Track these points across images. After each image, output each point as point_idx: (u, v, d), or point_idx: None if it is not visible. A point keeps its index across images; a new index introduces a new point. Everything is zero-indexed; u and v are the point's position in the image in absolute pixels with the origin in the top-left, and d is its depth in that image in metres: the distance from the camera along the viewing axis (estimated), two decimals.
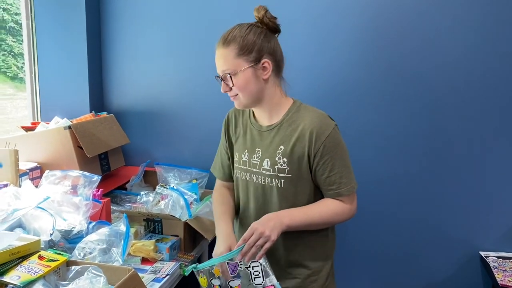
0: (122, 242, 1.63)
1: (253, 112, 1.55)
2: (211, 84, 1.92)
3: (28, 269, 1.34)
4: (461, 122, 2.10)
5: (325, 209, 1.42)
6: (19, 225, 1.56)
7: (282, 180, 1.42)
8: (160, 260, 1.80)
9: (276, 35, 1.45)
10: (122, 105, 2.49)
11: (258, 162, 1.47)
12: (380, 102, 2.17)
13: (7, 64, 5.18)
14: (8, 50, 5.25)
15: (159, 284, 1.61)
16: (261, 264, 1.30)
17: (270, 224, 1.30)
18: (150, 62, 2.42)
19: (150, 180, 2.41)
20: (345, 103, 2.21)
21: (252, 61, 1.37)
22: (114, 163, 2.25)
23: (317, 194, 1.47)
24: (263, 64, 1.39)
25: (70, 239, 1.64)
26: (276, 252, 1.49)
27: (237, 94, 1.42)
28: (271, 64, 1.40)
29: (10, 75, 5.25)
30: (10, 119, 4.72)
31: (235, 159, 1.58)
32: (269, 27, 1.41)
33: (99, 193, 1.84)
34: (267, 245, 1.28)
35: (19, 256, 1.38)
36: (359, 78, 2.18)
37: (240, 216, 1.61)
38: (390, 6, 2.09)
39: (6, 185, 1.67)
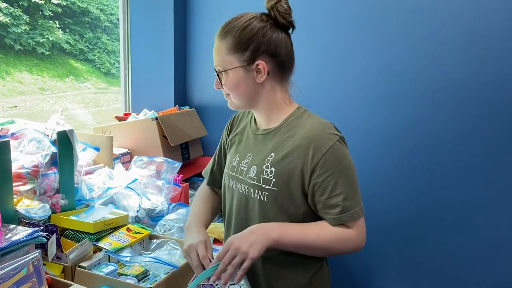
0: None
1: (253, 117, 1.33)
2: None
3: (118, 238, 1.57)
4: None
5: (325, 231, 1.12)
6: (111, 201, 1.81)
7: (266, 193, 1.16)
8: None
9: (290, 31, 1.20)
10: (202, 100, 2.70)
11: (245, 169, 1.23)
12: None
13: (101, 60, 5.65)
14: (102, 47, 5.72)
15: None
16: (241, 287, 1.09)
17: (250, 239, 1.05)
18: None
19: None
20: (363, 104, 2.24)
21: (244, 60, 1.15)
22: (193, 153, 2.47)
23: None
24: (257, 65, 1.15)
25: (153, 217, 1.87)
26: (256, 277, 1.24)
27: (228, 94, 1.22)
28: (268, 66, 1.15)
29: (103, 71, 5.72)
30: (103, 111, 5.18)
31: (226, 164, 1.35)
32: (276, 22, 1.15)
33: (179, 178, 2.06)
34: (245, 265, 1.02)
35: (111, 227, 1.62)
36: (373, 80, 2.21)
37: (225, 230, 1.38)
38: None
39: (102, 167, 1.93)
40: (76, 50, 5.63)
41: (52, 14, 5.11)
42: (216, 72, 1.20)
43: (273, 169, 1.15)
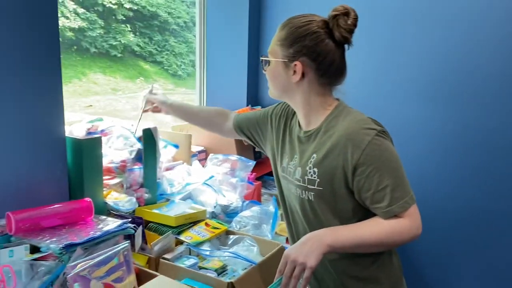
0: (271, 220, 1.85)
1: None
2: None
3: (198, 232, 1.63)
4: None
5: (378, 227, 1.12)
6: (189, 196, 1.88)
7: (312, 193, 1.19)
8: None
9: (346, 47, 1.20)
10: (273, 100, 2.72)
11: (292, 170, 1.26)
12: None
13: (169, 62, 5.83)
14: (170, 50, 5.90)
15: None
16: None
17: (305, 249, 1.05)
18: None
19: None
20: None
21: (286, 56, 1.19)
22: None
23: (359, 219, 1.18)
24: (294, 65, 1.18)
25: (228, 213, 1.91)
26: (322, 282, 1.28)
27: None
28: (305, 70, 1.18)
29: (171, 72, 5.90)
30: None
31: (277, 163, 1.36)
32: (331, 32, 1.16)
33: (252, 176, 2.09)
34: (306, 274, 1.03)
35: (191, 222, 1.68)
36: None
37: (288, 229, 1.41)
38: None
39: (181, 163, 2.00)
40: (146, 52, 5.84)
41: (124, 18, 5.34)
42: (262, 58, 1.27)
43: (315, 169, 1.17)
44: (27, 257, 1.17)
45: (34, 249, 1.21)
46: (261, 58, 1.26)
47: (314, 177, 1.17)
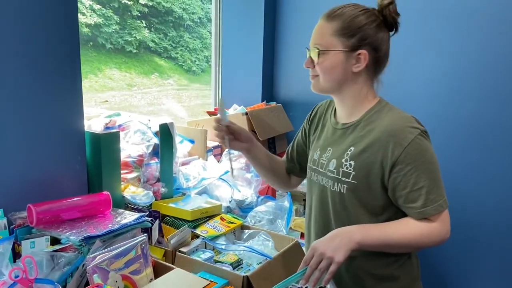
0: (286, 216, 1.85)
1: (335, 109, 1.32)
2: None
3: (214, 227, 1.64)
4: None
5: (407, 228, 1.12)
6: (205, 191, 1.89)
7: (345, 186, 1.17)
8: None
9: (392, 33, 1.21)
10: (288, 96, 2.73)
11: (325, 162, 1.24)
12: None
13: (183, 58, 5.85)
14: (184, 45, 5.91)
15: None
16: None
17: (334, 244, 1.06)
18: None
19: None
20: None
21: (348, 46, 1.15)
22: (279, 147, 2.50)
23: (388, 217, 1.18)
24: (358, 54, 1.16)
25: (243, 208, 1.93)
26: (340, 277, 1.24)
27: (317, 75, 1.21)
28: (368, 58, 1.16)
29: (185, 68, 5.92)
30: (185, 106, 5.37)
31: (308, 157, 1.37)
32: (386, 20, 1.18)
33: None
34: (332, 268, 1.04)
35: (206, 216, 1.69)
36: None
37: (307, 221, 1.39)
38: None
39: (197, 158, 2.02)
40: (161, 48, 5.87)
41: (139, 14, 5.38)
42: (310, 50, 1.21)
43: (352, 162, 1.16)
44: (48, 249, 1.20)
45: (55, 241, 1.23)
46: (318, 50, 1.18)
47: (350, 170, 1.16)
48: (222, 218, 1.70)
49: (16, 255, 1.23)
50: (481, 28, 2.05)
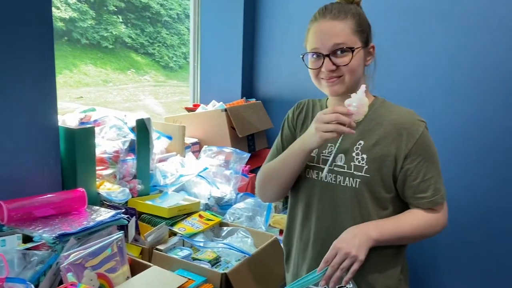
0: (265, 212, 1.85)
1: (326, 104, 1.28)
2: None
3: (192, 224, 1.62)
4: None
5: (416, 219, 1.15)
6: (183, 188, 1.87)
7: (358, 180, 1.15)
8: None
9: None
10: (268, 93, 2.72)
11: (328, 158, 1.19)
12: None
13: (160, 54, 5.77)
14: (162, 41, 5.84)
15: None
16: None
17: (356, 242, 1.07)
18: (294, 56, 2.59)
19: None
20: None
21: (364, 42, 1.16)
22: (259, 144, 2.49)
23: (393, 210, 1.18)
24: (370, 48, 1.18)
25: (221, 205, 1.91)
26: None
27: (341, 76, 1.15)
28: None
29: (162, 64, 5.84)
30: (162, 103, 5.32)
31: None
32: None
33: (246, 168, 2.09)
34: (354, 267, 1.05)
35: (184, 213, 1.67)
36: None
37: (302, 221, 1.27)
38: None
39: (175, 155, 1.99)
40: (137, 44, 5.79)
41: (116, 9, 5.28)
42: (329, 52, 1.13)
43: (364, 156, 1.15)
44: (20, 247, 1.16)
45: (27, 239, 1.19)
46: (339, 49, 1.12)
47: (362, 164, 1.15)
48: (200, 216, 1.68)
49: None
50: (481, 28, 2.06)
